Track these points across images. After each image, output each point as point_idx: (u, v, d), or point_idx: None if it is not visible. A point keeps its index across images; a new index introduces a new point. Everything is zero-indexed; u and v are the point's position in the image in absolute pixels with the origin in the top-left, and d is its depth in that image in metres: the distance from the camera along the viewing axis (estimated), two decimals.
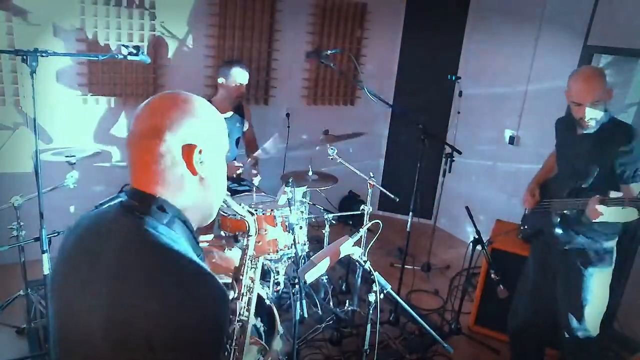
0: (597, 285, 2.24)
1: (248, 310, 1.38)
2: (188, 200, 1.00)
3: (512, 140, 4.05)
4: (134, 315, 0.84)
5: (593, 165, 2.12)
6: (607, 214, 1.94)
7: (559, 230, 2.25)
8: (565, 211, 2.21)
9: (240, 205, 1.38)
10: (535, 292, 2.47)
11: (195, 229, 1.05)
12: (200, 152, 0.97)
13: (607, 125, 2.12)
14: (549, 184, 2.44)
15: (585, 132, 2.15)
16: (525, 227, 2.55)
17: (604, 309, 2.30)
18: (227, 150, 1.10)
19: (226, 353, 1.27)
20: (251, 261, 1.41)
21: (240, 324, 1.35)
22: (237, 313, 1.36)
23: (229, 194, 1.30)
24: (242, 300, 1.38)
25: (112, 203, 1.01)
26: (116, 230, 0.95)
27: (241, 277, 1.39)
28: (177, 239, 0.94)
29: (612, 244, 2.24)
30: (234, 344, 1.29)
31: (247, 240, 1.42)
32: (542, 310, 2.45)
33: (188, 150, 0.96)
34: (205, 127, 1.00)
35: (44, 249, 2.30)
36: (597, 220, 1.98)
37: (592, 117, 2.07)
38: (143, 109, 0.99)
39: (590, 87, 2.05)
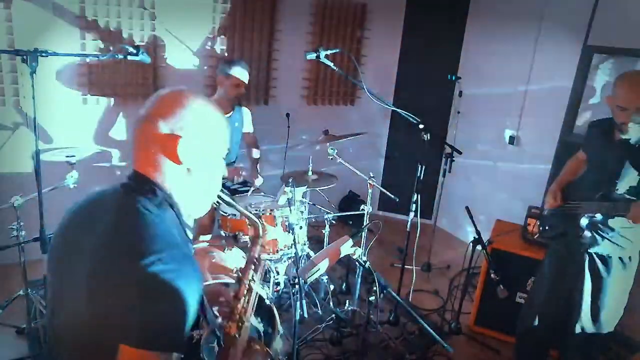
0: (617, 291, 2.24)
1: (246, 310, 1.39)
2: (174, 188, 1.07)
3: (512, 140, 4.05)
4: (111, 282, 0.92)
5: (632, 172, 2.08)
6: None
7: (588, 233, 2.22)
8: (596, 215, 2.18)
9: (246, 209, 1.38)
10: (550, 295, 2.44)
11: (186, 220, 1.11)
12: (187, 144, 1.03)
13: None
14: (574, 186, 2.38)
15: (625, 137, 2.08)
16: (547, 227, 2.52)
17: (621, 312, 2.30)
18: (226, 150, 1.15)
19: (218, 348, 1.33)
20: (254, 264, 1.41)
21: (240, 323, 1.36)
22: (235, 313, 1.37)
23: (228, 192, 1.30)
24: (241, 300, 1.39)
25: (114, 184, 1.08)
26: (112, 207, 1.03)
27: (245, 279, 1.40)
28: (164, 220, 1.01)
29: (637, 251, 2.23)
30: (222, 339, 1.34)
31: (255, 243, 1.42)
32: (555, 313, 2.43)
33: (171, 140, 1.03)
34: (197, 122, 1.06)
35: (44, 249, 2.30)
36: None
37: (637, 122, 2.01)
38: (151, 97, 1.08)
39: (638, 91, 2.00)
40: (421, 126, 2.78)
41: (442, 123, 4.57)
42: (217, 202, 1.25)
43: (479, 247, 2.77)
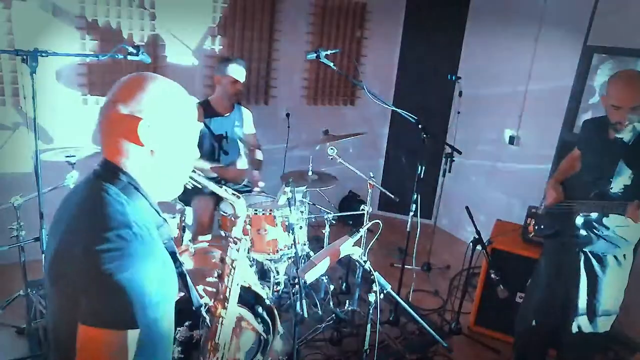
0: (613, 289, 2.24)
1: (231, 290, 1.41)
2: (139, 170, 1.09)
3: (512, 140, 4.05)
4: (68, 258, 0.97)
5: (626, 171, 2.09)
6: None
7: (583, 232, 2.22)
8: (591, 213, 2.18)
9: (222, 188, 1.41)
10: (547, 294, 2.44)
11: (156, 200, 1.13)
12: (148, 126, 1.05)
13: None
14: (570, 185, 2.38)
15: (619, 136, 2.09)
16: (542, 226, 2.52)
17: (617, 311, 2.30)
18: (196, 134, 1.18)
19: (201, 330, 1.38)
20: (235, 243, 1.44)
21: (225, 302, 1.39)
22: (220, 292, 1.40)
23: (201, 174, 1.34)
24: (224, 281, 1.41)
25: (89, 173, 1.12)
26: (81, 193, 1.09)
27: (228, 258, 1.43)
28: (125, 203, 1.04)
29: (631, 249, 2.23)
30: (207, 319, 1.37)
31: (235, 223, 1.46)
32: (552, 312, 2.43)
33: (131, 122, 1.04)
34: (157, 103, 1.07)
35: (44, 249, 2.30)
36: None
37: (631, 121, 2.02)
38: (114, 85, 1.10)
39: (632, 91, 2.00)
40: (420, 126, 2.78)
41: (442, 123, 4.57)
42: (192, 184, 1.29)
43: (479, 247, 2.77)
